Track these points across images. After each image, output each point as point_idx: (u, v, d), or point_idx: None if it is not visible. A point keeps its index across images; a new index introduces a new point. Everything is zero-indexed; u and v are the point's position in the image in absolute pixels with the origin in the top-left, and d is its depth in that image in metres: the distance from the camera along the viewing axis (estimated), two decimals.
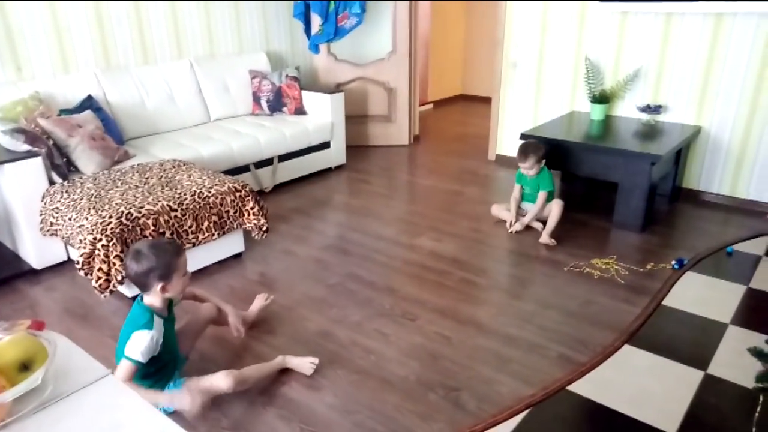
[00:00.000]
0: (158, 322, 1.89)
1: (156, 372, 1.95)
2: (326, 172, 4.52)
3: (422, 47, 6.30)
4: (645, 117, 3.89)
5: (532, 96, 4.47)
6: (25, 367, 0.82)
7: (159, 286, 1.87)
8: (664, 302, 2.64)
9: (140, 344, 1.82)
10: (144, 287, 1.90)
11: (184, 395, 1.86)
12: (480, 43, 7.05)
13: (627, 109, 4.04)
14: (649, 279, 2.85)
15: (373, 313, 2.58)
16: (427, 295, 2.74)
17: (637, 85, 3.94)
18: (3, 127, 2.81)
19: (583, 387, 2.09)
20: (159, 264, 1.86)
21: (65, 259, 2.98)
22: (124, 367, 1.82)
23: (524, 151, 3.34)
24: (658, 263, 3.00)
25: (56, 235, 2.74)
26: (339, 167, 4.62)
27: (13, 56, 3.35)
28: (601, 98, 3.97)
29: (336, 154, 4.51)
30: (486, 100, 4.85)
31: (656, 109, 3.82)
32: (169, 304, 2.01)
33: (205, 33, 4.30)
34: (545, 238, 3.27)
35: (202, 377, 1.98)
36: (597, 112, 3.99)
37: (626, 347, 2.33)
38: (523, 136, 3.69)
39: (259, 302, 2.54)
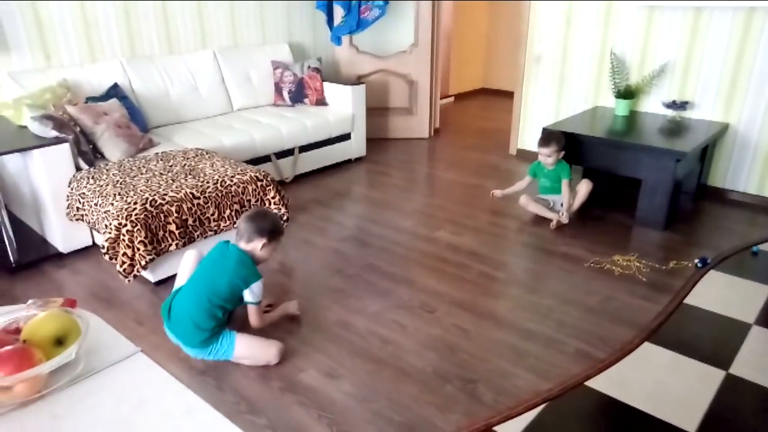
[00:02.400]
0: None
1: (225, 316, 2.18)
2: (346, 163, 4.53)
3: (444, 40, 6.26)
4: (671, 113, 3.82)
5: (555, 90, 4.42)
6: (60, 342, 0.85)
7: (262, 242, 2.17)
8: (686, 300, 2.61)
9: (260, 289, 2.16)
10: (249, 239, 2.17)
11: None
12: (503, 37, 6.99)
13: (652, 105, 3.97)
14: (671, 277, 2.82)
15: (391, 305, 2.59)
16: (445, 287, 2.74)
17: (663, 80, 3.87)
18: (32, 113, 2.87)
19: (600, 383, 2.07)
20: (278, 229, 2.24)
21: (90, 243, 3.04)
22: (257, 310, 2.19)
23: (547, 138, 3.41)
24: (680, 261, 2.96)
25: (82, 220, 2.80)
26: (359, 159, 4.63)
27: (43, 45, 3.41)
28: (626, 93, 3.92)
29: (356, 146, 4.52)
30: (508, 94, 4.81)
31: (682, 106, 3.75)
32: None
33: (229, 24, 4.33)
34: (563, 216, 3.35)
35: (254, 339, 2.20)
36: (622, 107, 3.93)
37: (646, 344, 2.31)
38: (545, 131, 3.66)
39: (282, 310, 2.45)
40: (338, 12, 4.70)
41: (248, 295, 2.14)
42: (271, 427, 1.88)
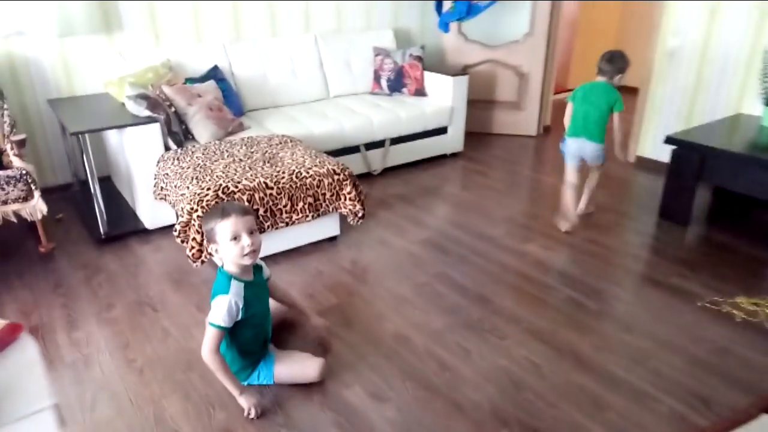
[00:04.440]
0: (236, 286, 1.85)
1: (252, 343, 1.97)
2: (440, 159, 4.28)
3: (567, 29, 5.73)
4: None
5: (689, 91, 3.82)
6: None
7: (213, 247, 1.88)
8: None
9: (219, 310, 1.81)
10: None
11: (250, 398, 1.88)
12: (636, 27, 6.26)
13: None
14: None
15: (457, 323, 2.35)
16: (523, 311, 2.44)
17: None
18: (131, 92, 2.96)
19: None
20: (206, 226, 1.87)
21: (174, 222, 3.11)
22: (208, 334, 1.82)
23: (611, 57, 3.04)
24: None
25: (165, 200, 2.86)
26: (455, 155, 4.36)
27: (153, 25, 3.54)
28: None
29: (453, 141, 4.25)
30: (637, 92, 4.26)
31: None
32: (256, 269, 1.98)
33: (333, 7, 4.24)
34: (583, 207, 3.27)
35: (294, 360, 2.01)
36: None
37: (765, 417, 1.87)
38: (669, 140, 3.16)
39: (320, 322, 2.24)
40: None
41: (209, 315, 1.84)
42: None
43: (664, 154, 3.83)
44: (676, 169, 3.17)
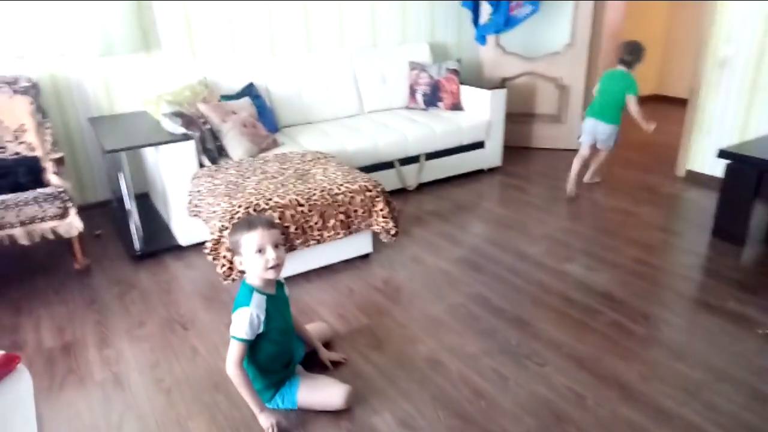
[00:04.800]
0: (258, 298, 1.83)
1: (274, 361, 1.91)
2: (477, 174, 4.17)
3: (610, 39, 5.51)
4: None
5: (744, 102, 3.60)
6: None
7: (236, 259, 1.88)
8: None
9: (239, 321, 1.79)
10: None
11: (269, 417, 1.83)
12: (684, 35, 6.02)
13: None
14: None
15: (493, 348, 2.23)
16: (564, 336, 2.30)
17: None
18: (166, 110, 2.99)
19: None
20: (232, 238, 1.88)
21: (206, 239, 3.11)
22: (231, 348, 1.80)
23: (632, 49, 3.44)
24: None
25: (198, 216, 2.85)
26: (492, 170, 4.24)
27: (190, 43, 3.59)
28: None
29: (490, 156, 4.14)
30: (686, 103, 4.06)
31: None
32: (278, 285, 1.97)
33: (369, 22, 4.21)
34: (589, 176, 3.81)
35: (318, 386, 1.93)
36: None
37: None
38: (723, 154, 2.97)
39: (336, 356, 2.19)
40: (485, 9, 4.34)
41: (231, 327, 1.82)
42: None
43: (716, 168, 3.62)
44: (730, 185, 2.98)
